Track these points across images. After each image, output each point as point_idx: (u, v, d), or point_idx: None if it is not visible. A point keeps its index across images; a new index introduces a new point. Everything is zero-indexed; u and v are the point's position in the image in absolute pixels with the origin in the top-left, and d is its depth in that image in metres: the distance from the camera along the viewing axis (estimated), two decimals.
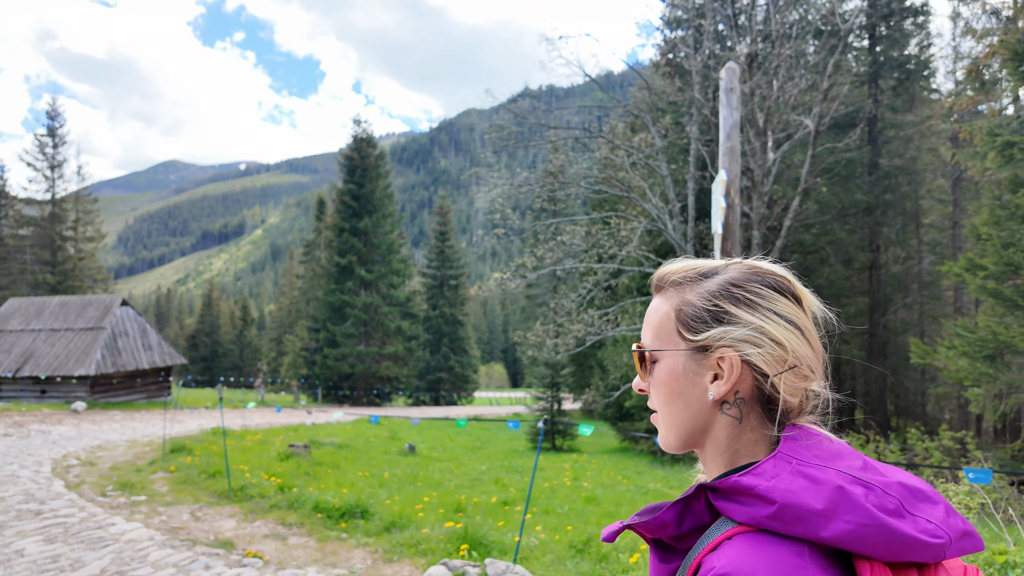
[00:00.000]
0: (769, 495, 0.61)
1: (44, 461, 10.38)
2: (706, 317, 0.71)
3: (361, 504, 5.70)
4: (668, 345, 0.74)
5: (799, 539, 0.60)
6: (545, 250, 13.66)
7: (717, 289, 0.72)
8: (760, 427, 0.71)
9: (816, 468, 0.63)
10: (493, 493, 9.99)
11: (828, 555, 0.61)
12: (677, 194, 13.48)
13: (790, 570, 0.58)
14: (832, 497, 0.59)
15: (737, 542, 0.62)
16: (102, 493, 7.29)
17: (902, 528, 0.58)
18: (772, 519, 0.60)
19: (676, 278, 0.76)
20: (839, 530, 0.58)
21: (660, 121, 13.30)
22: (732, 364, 0.69)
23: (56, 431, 15.38)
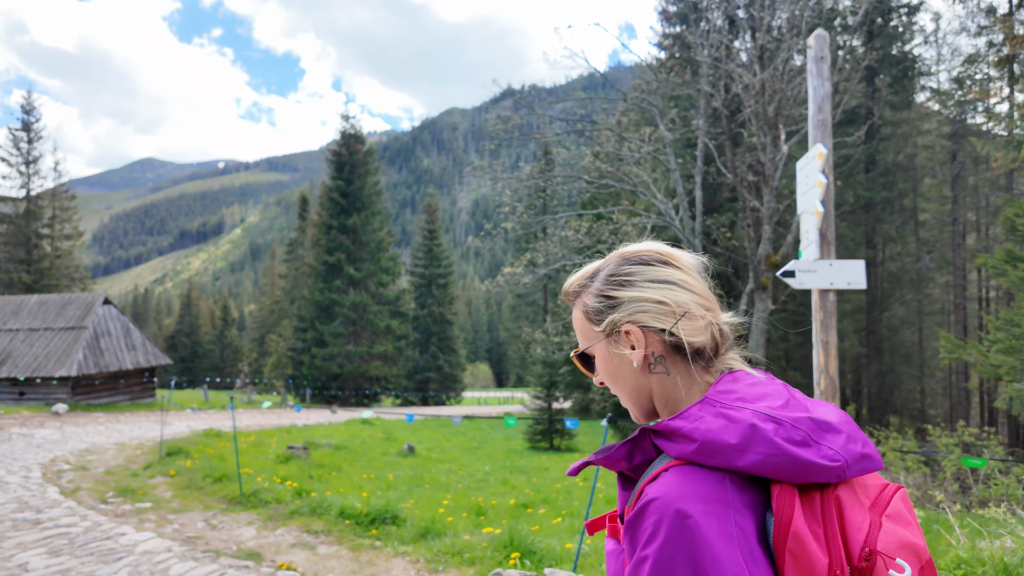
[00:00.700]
0: (692, 435, 0.73)
1: (32, 466, 9.84)
2: (601, 308, 0.87)
3: (390, 509, 5.35)
4: (591, 341, 0.89)
5: (720, 469, 0.71)
6: (550, 246, 13.36)
7: (601, 283, 0.88)
8: (689, 373, 0.84)
9: (735, 409, 0.74)
10: (505, 495, 9.67)
11: (747, 481, 0.72)
12: (685, 189, 13.27)
13: (709, 493, 0.69)
14: (745, 433, 0.71)
15: (669, 473, 0.73)
16: (102, 500, 6.83)
17: (804, 455, 0.70)
18: (696, 454, 0.72)
19: (575, 288, 0.92)
20: (751, 460, 0.70)
21: (668, 114, 13.06)
22: (634, 334, 0.84)
23: (39, 434, 14.74)
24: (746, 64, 12.12)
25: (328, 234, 33.79)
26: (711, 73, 13.11)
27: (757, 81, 11.80)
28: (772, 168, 12.06)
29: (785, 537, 0.69)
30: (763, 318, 12.29)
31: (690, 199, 13.45)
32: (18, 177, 41.22)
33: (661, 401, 0.86)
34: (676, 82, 13.28)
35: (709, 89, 12.30)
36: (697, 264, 0.89)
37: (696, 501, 0.69)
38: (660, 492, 0.71)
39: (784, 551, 0.69)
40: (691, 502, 0.69)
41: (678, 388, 0.84)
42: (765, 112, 11.96)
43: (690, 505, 0.69)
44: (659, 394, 0.85)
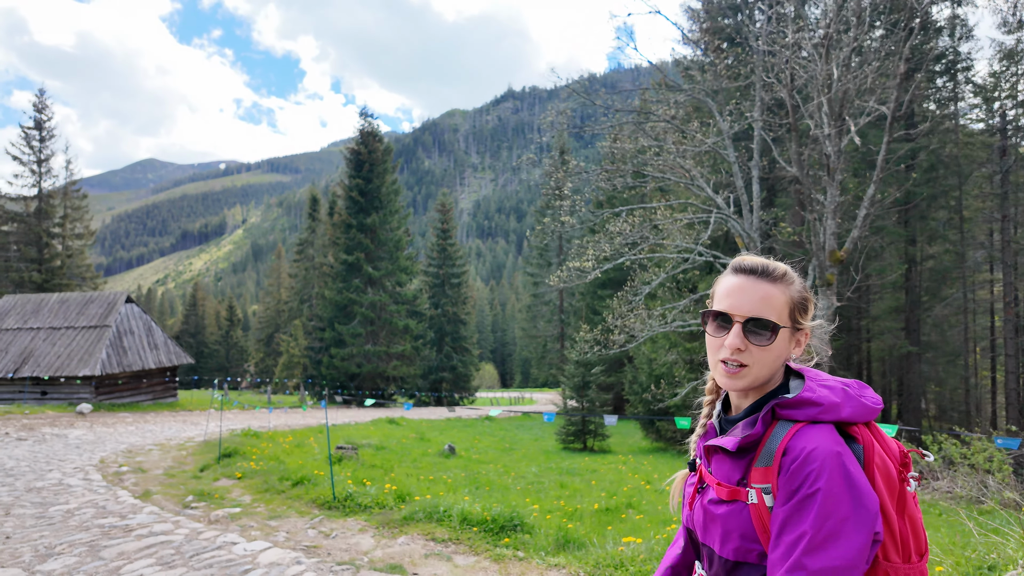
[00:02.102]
0: (819, 401, 1.06)
1: (85, 468, 9.45)
2: (808, 309, 1.18)
3: (517, 516, 4.97)
4: (786, 323, 1.14)
5: (829, 422, 1.05)
6: (601, 242, 12.96)
7: (803, 289, 1.17)
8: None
9: (823, 382, 1.10)
10: (574, 498, 9.28)
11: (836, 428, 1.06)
12: (745, 183, 12.88)
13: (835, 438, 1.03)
14: (842, 396, 1.07)
15: (805, 431, 1.04)
16: (183, 504, 6.45)
17: (867, 403, 1.08)
18: (821, 413, 1.05)
19: (782, 274, 1.17)
20: (848, 412, 1.06)
21: (726, 106, 12.68)
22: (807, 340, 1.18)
23: (72, 435, 14.35)
24: (810, 55, 11.75)
25: (348, 233, 33.37)
26: (767, 65, 12.74)
27: (823, 72, 11.43)
28: (837, 161, 11.69)
29: (872, 457, 1.04)
30: (827, 315, 11.91)
31: (742, 195, 13.05)
32: (30, 176, 40.89)
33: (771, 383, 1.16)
34: (730, 75, 12.91)
35: (772, 79, 11.92)
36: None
37: (837, 444, 1.01)
38: (816, 442, 1.01)
39: (873, 467, 1.03)
40: (837, 445, 1.01)
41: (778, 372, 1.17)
42: (830, 103, 11.60)
43: (838, 447, 1.00)
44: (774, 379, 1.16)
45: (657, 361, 18.01)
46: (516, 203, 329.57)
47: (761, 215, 13.14)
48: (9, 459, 10.19)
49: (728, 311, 1.12)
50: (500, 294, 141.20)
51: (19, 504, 6.60)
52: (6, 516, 6.07)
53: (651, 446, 21.01)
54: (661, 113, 12.51)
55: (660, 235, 12.00)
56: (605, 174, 13.31)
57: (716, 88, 12.87)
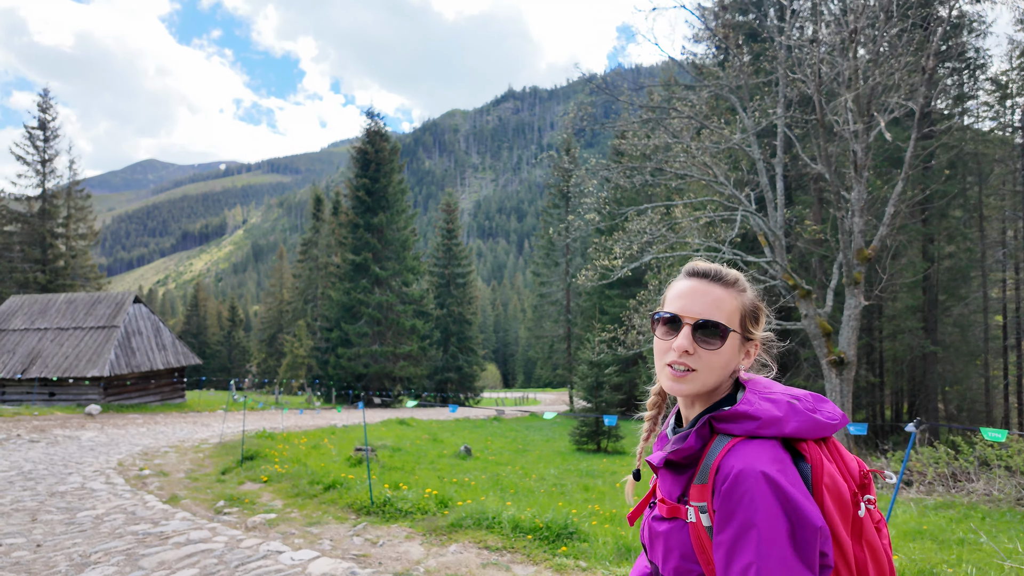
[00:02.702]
0: (756, 414, 1.01)
1: (105, 471, 9.25)
2: (759, 319, 1.15)
3: (571, 523, 4.77)
4: (737, 330, 1.11)
5: (771, 437, 0.99)
6: (618, 241, 12.77)
7: (756, 298, 1.17)
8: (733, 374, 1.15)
9: (771, 394, 1.05)
10: (604, 501, 9.09)
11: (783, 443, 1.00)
12: (769, 180, 12.67)
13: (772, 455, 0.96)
14: (786, 409, 1.01)
15: (739, 447, 0.98)
16: (216, 510, 6.25)
17: (819, 418, 1.01)
18: (759, 428, 0.99)
19: (734, 280, 1.15)
20: (793, 427, 0.99)
21: (750, 102, 12.48)
22: (756, 351, 1.15)
23: (84, 436, 14.16)
24: (836, 50, 11.55)
25: (355, 233, 33.15)
26: (791, 61, 12.55)
27: (850, 67, 11.24)
28: (864, 158, 11.50)
29: (821, 476, 0.97)
30: (855, 315, 11.72)
31: (767, 191, 12.84)
32: (34, 176, 40.68)
33: (717, 392, 1.12)
34: (753, 70, 12.71)
35: (798, 75, 11.72)
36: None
37: (774, 462, 0.94)
38: (747, 462, 0.94)
39: (821, 486, 0.96)
40: (771, 464, 0.94)
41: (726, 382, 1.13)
42: (858, 99, 11.40)
43: (771, 467, 0.93)
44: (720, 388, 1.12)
45: None
46: (517, 203, 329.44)
47: (791, 212, 12.95)
48: (26, 462, 10.00)
49: (679, 313, 1.10)
50: (502, 294, 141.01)
51: (45, 509, 6.41)
52: (33, 522, 5.88)
53: None
54: (685, 109, 12.32)
55: (679, 234, 11.80)
56: (625, 171, 13.11)
57: (739, 84, 12.68)
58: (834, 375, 11.85)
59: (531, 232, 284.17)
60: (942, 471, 9.97)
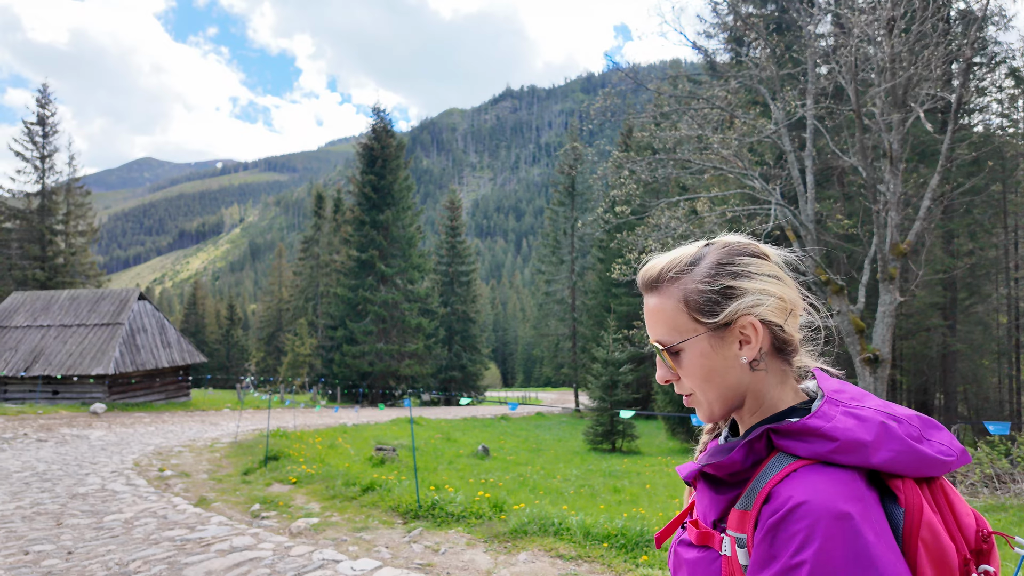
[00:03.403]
0: (832, 433, 0.72)
1: (123, 471, 8.89)
2: (717, 298, 0.80)
3: (648, 529, 4.44)
4: (688, 334, 0.82)
5: (850, 466, 0.71)
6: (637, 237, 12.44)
7: (712, 271, 0.82)
8: (782, 371, 0.83)
9: (859, 408, 0.75)
10: (636, 503, 8.78)
11: (868, 477, 0.73)
12: (800, 172, 12.36)
13: (851, 491, 0.69)
14: (878, 431, 0.72)
15: (804, 473, 0.72)
16: (252, 514, 5.91)
17: (926, 451, 0.72)
18: (834, 452, 0.71)
19: (671, 273, 0.83)
20: (884, 457, 0.71)
21: (781, 93, 12.16)
22: (755, 328, 0.80)
23: (93, 436, 13.79)
24: (871, 39, 11.25)
25: (361, 230, 32.73)
26: (821, 51, 12.24)
27: (887, 56, 10.94)
28: (900, 150, 11.20)
29: (918, 528, 0.70)
30: (890, 311, 11.43)
31: (798, 185, 12.54)
32: (33, 172, 40.17)
33: (756, 399, 0.82)
34: (779, 60, 12.40)
35: (832, 64, 11.41)
36: (785, 260, 0.87)
37: (849, 501, 0.68)
38: (808, 494, 0.69)
39: (917, 541, 0.70)
40: (845, 502, 0.68)
41: (774, 386, 0.82)
42: (894, 90, 11.11)
43: (846, 505, 0.67)
44: (756, 392, 0.82)
45: None
46: (515, 202, 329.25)
47: (820, 206, 12.65)
48: (38, 462, 9.63)
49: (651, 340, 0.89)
50: (501, 293, 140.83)
51: (69, 512, 6.06)
52: (59, 527, 5.53)
53: (680, 447, 20.52)
54: (716, 99, 12.00)
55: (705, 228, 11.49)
56: (651, 164, 12.79)
57: (769, 75, 12.37)
58: (868, 373, 11.56)
59: (529, 231, 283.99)
60: (987, 472, 9.69)
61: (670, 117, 13.13)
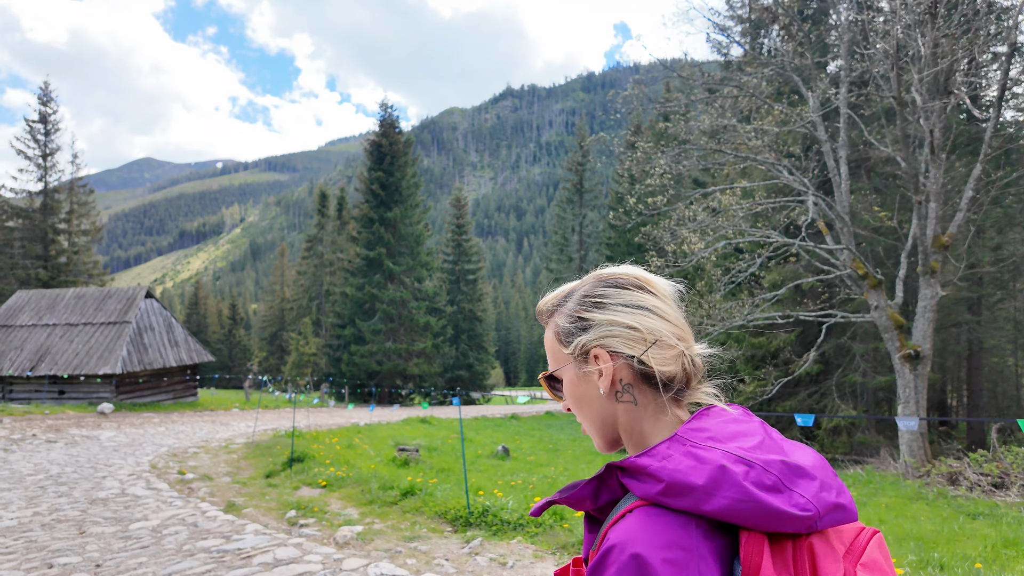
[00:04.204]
0: (659, 474, 0.66)
1: (141, 473, 8.49)
2: (572, 329, 0.83)
3: None
4: (560, 364, 0.84)
5: (688, 512, 0.65)
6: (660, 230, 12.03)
7: (575, 304, 0.84)
8: (658, 404, 0.78)
9: (705, 449, 0.68)
10: None
11: (715, 526, 0.65)
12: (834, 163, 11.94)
13: (673, 539, 0.63)
14: (713, 475, 0.64)
15: (633, 515, 0.67)
16: (288, 521, 5.50)
17: (773, 503, 0.64)
18: (662, 495, 0.66)
19: (549, 307, 0.88)
20: (718, 505, 0.63)
21: (815, 82, 11.75)
22: (602, 358, 0.79)
23: (103, 436, 13.39)
24: (912, 25, 10.83)
25: (369, 228, 32.29)
26: (855, 38, 11.84)
27: (928, 41, 10.53)
28: (942, 139, 10.79)
29: None
30: (931, 306, 11.03)
31: (834, 175, 12.12)
32: (35, 170, 39.74)
33: (627, 432, 0.81)
34: (814, 48, 12.00)
35: (870, 51, 11.00)
36: (673, 291, 0.84)
37: (658, 548, 0.63)
38: (621, 538, 0.65)
39: None
40: (652, 549, 0.63)
41: (645, 420, 0.79)
42: (935, 77, 10.70)
43: (651, 552, 0.63)
44: (625, 424, 0.80)
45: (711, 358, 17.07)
46: (516, 201, 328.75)
47: (855, 199, 12.26)
48: (51, 464, 9.23)
49: None
50: (503, 292, 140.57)
51: (91, 520, 5.66)
52: (82, 535, 5.13)
53: None
54: (749, 86, 11.58)
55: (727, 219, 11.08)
56: (675, 155, 12.38)
57: (804, 63, 11.96)
58: (908, 370, 11.16)
59: (530, 230, 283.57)
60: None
61: (696, 106, 12.73)
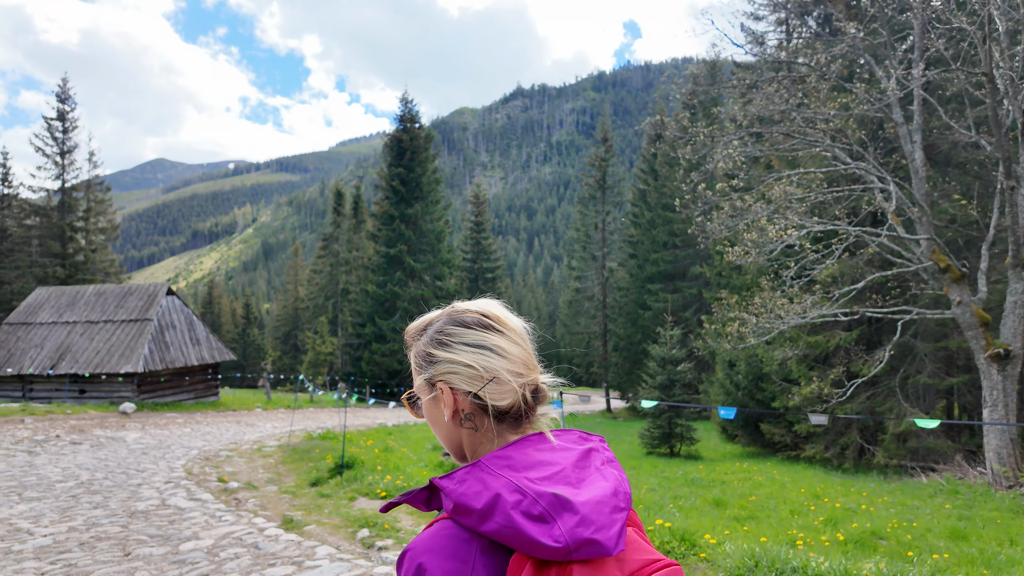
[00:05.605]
0: (451, 495, 0.76)
1: (177, 481, 7.82)
2: (422, 363, 0.90)
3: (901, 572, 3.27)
4: (418, 388, 0.92)
5: (472, 530, 0.75)
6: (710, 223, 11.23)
7: (427, 339, 0.92)
8: (492, 431, 0.86)
9: (493, 475, 0.76)
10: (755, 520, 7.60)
11: (497, 546, 0.74)
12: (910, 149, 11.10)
13: (453, 552, 0.73)
14: (489, 501, 0.73)
15: (432, 527, 0.77)
16: (362, 542, 4.78)
17: (531, 532, 0.71)
18: (454, 512, 0.75)
19: (410, 337, 0.96)
20: (490, 528, 0.72)
21: (892, 58, 10.91)
22: (443, 391, 0.87)
23: (129, 438, 12.79)
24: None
25: (390, 225, 31.63)
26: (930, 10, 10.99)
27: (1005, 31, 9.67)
28: None
29: None
30: (1021, 301, 10.16)
31: (912, 162, 11.27)
32: (53, 168, 39.46)
33: (469, 452, 0.89)
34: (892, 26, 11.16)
35: (959, 25, 10.14)
36: (520, 327, 0.92)
37: (438, 557, 0.73)
38: (417, 543, 0.75)
39: None
40: (433, 557, 0.73)
41: (482, 444, 0.87)
42: None
43: (430, 560, 0.73)
44: (467, 445, 0.89)
45: (760, 358, 16.23)
46: (526, 201, 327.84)
47: (931, 186, 11.40)
48: (79, 469, 8.60)
49: None
50: (515, 292, 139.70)
51: (135, 538, 4.97)
52: (128, 558, 4.44)
53: (742, 451, 19.26)
54: (819, 65, 10.76)
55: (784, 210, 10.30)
56: (738, 141, 11.57)
57: (878, 42, 11.12)
58: (995, 371, 10.31)
59: (541, 230, 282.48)
60: None
61: (756, 88, 11.92)
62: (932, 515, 7.94)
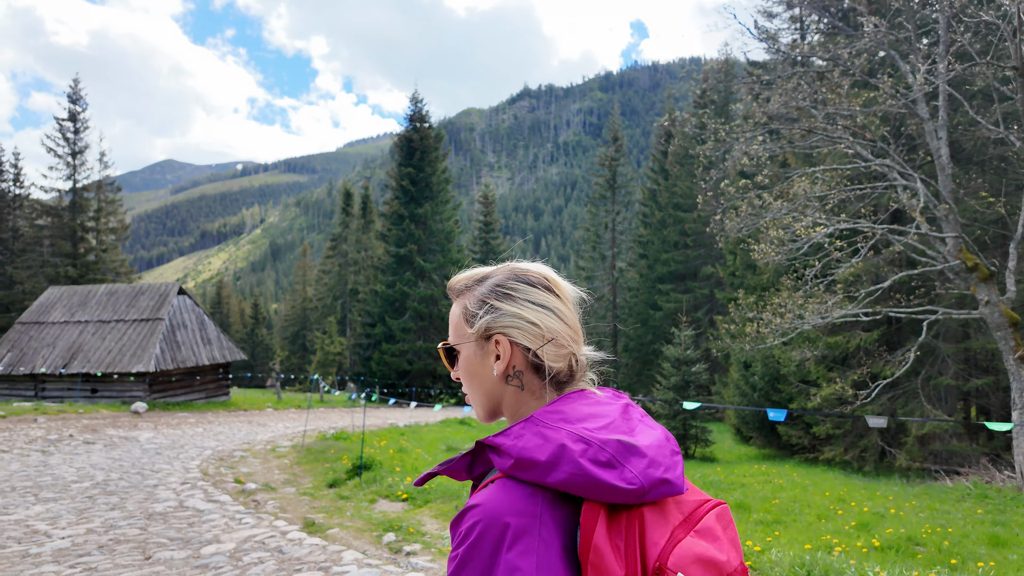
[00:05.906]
0: (510, 451, 0.76)
1: (194, 482, 7.71)
2: (480, 312, 0.89)
3: None
4: (462, 340, 0.91)
5: (535, 484, 0.75)
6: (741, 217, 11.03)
7: (487, 290, 0.91)
8: (541, 391, 0.88)
9: (552, 428, 0.77)
10: (795, 527, 7.40)
11: (562, 497, 0.75)
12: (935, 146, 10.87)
13: (521, 506, 0.73)
14: (554, 452, 0.74)
15: (492, 485, 0.77)
16: (387, 546, 4.63)
17: (604, 477, 0.73)
18: (513, 468, 0.75)
19: (461, 286, 0.94)
20: (558, 478, 0.73)
21: (915, 54, 10.69)
22: (503, 344, 0.87)
23: (142, 438, 12.72)
24: None
25: (400, 224, 31.54)
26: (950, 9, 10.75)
27: None
28: None
29: (587, 550, 0.73)
30: None
31: (938, 158, 11.04)
32: (65, 168, 39.62)
33: (509, 411, 0.90)
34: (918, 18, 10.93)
35: (987, 19, 9.91)
36: (575, 296, 0.94)
37: (508, 513, 0.73)
38: (480, 500, 0.75)
39: (587, 563, 0.73)
40: (503, 513, 0.73)
41: (525, 403, 0.88)
42: None
43: (502, 516, 0.73)
44: (509, 404, 0.89)
45: (777, 359, 16.00)
46: (533, 201, 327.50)
47: (957, 184, 11.16)
48: (94, 469, 8.51)
49: None
50: None
51: (154, 541, 4.85)
52: (149, 562, 4.32)
53: (758, 453, 19.03)
54: (841, 59, 10.55)
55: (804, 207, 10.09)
56: (759, 138, 11.38)
57: (903, 36, 10.90)
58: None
59: (548, 231, 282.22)
60: None
61: (775, 84, 11.72)
62: (965, 520, 7.72)
